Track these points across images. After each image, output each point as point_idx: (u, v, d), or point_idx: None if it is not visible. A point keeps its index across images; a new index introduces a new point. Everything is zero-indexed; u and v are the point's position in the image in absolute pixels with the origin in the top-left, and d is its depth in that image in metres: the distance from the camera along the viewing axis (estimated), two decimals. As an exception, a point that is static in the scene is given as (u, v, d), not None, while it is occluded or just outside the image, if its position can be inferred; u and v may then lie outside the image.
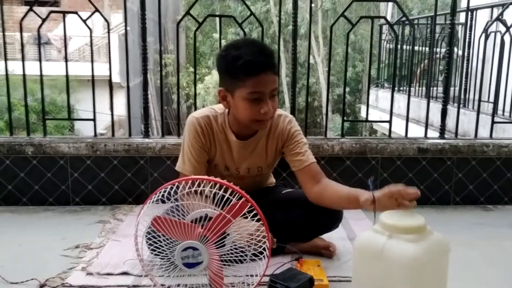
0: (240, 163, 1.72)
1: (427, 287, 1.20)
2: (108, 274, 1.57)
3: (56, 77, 8.55)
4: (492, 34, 3.34)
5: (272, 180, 2.01)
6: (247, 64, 1.47)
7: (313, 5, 2.61)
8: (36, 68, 2.41)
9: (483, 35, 2.84)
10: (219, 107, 1.70)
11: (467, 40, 3.84)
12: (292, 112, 2.54)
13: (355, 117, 13.00)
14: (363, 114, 7.84)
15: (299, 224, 1.71)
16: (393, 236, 1.18)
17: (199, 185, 1.21)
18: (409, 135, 2.60)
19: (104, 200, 2.35)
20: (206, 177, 1.24)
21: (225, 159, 1.72)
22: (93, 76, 2.44)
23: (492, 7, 4.18)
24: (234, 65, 1.49)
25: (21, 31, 2.37)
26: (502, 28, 2.77)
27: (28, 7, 2.34)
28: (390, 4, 13.67)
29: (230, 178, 1.73)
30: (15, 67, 2.74)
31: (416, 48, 5.18)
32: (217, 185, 1.20)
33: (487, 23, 2.84)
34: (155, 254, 1.29)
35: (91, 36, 2.45)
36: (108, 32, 2.62)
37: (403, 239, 1.17)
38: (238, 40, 1.62)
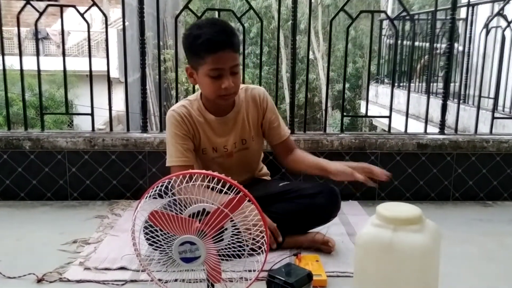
0: (225, 139, 1.79)
1: (431, 273, 1.23)
2: (106, 269, 1.56)
3: (55, 72, 8.54)
4: (493, 30, 3.32)
5: (265, 170, 2.04)
6: (206, 43, 1.56)
7: (313, 0, 2.59)
8: (34, 63, 2.39)
9: (484, 30, 2.83)
10: (193, 96, 1.82)
11: (467, 35, 3.85)
12: (292, 108, 2.53)
13: (355, 113, 12.95)
14: (363, 111, 7.83)
15: (297, 214, 1.72)
16: (397, 228, 1.20)
17: (196, 180, 1.20)
18: (408, 131, 2.59)
19: (102, 195, 2.34)
20: (204, 171, 1.23)
21: (210, 140, 1.78)
22: (90, 70, 2.42)
23: (493, 2, 4.18)
24: (195, 44, 1.59)
25: (18, 25, 2.34)
26: (503, 23, 2.75)
27: (25, 1, 2.32)
28: (391, 0, 13.67)
29: (221, 159, 1.80)
30: (14, 62, 2.72)
31: (416, 43, 5.17)
32: (215, 179, 1.19)
33: (488, 18, 2.82)
34: (153, 249, 1.29)
35: (88, 30, 2.43)
36: (106, 27, 2.59)
37: (410, 231, 1.19)
38: (201, 20, 1.75)
